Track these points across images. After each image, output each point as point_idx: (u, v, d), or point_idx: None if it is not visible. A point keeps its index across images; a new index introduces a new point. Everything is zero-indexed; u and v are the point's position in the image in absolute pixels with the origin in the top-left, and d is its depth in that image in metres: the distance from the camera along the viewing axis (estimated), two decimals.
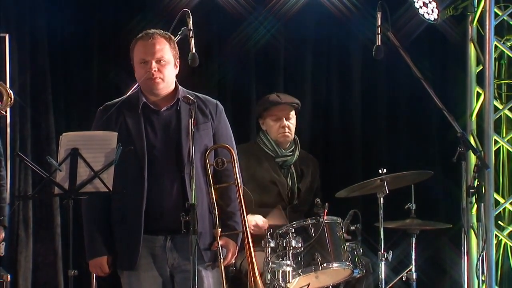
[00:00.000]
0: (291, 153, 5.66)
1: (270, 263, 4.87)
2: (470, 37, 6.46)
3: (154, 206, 4.30)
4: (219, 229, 4.29)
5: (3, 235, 5.01)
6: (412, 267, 5.50)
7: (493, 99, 6.25)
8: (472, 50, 6.48)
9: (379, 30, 5.04)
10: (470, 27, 6.45)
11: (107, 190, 4.09)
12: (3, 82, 5.81)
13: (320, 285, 5.20)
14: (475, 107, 6.48)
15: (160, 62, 4.31)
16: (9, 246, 5.61)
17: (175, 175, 4.31)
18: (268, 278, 4.86)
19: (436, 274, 6.59)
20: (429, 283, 6.40)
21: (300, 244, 4.96)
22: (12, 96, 4.95)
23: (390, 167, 5.41)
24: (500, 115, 6.45)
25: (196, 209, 4.12)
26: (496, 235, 6.26)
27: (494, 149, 6.29)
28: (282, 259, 4.92)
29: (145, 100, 4.37)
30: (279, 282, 4.86)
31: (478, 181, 4.87)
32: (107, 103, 4.47)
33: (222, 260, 4.29)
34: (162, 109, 4.38)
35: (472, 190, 4.84)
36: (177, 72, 4.44)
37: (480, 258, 5.14)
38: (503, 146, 6.50)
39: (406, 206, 5.53)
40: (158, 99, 4.39)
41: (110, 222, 4.38)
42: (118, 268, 4.42)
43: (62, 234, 6.13)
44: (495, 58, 6.33)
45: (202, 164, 4.35)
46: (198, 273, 4.24)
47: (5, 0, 6.11)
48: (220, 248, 4.28)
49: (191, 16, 5.02)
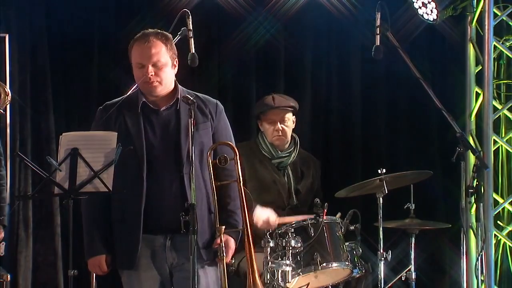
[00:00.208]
0: (287, 154, 5.65)
1: (270, 263, 4.87)
2: (469, 37, 6.46)
3: (153, 205, 4.30)
4: (223, 226, 4.28)
5: (2, 234, 5.02)
6: (411, 267, 5.49)
7: (492, 99, 6.24)
8: (471, 50, 6.48)
9: (378, 31, 5.01)
10: (469, 27, 6.45)
11: (107, 190, 4.09)
12: (3, 82, 5.84)
13: (319, 285, 5.20)
14: (474, 107, 6.49)
15: (157, 65, 4.30)
16: (9, 246, 5.61)
17: (174, 175, 4.31)
18: (268, 278, 4.85)
19: (435, 274, 6.60)
20: (428, 283, 6.41)
21: (299, 244, 4.95)
22: (10, 95, 4.96)
23: (389, 167, 5.41)
24: (499, 115, 6.45)
25: (196, 209, 4.10)
26: (495, 235, 6.25)
27: (493, 149, 6.29)
28: (282, 259, 4.92)
29: (144, 99, 4.38)
30: (279, 282, 4.85)
31: (477, 181, 4.86)
32: (107, 102, 4.47)
33: (224, 257, 4.29)
34: (162, 108, 4.38)
35: (471, 190, 4.82)
36: (175, 71, 4.43)
37: (479, 258, 5.14)
38: (502, 146, 6.50)
39: (406, 206, 5.53)
40: (158, 99, 4.39)
41: (110, 222, 4.39)
42: (118, 268, 4.43)
43: (62, 234, 6.13)
44: (494, 58, 6.32)
45: (202, 164, 4.35)
46: (196, 272, 4.22)
47: (5, 1, 6.11)
48: (220, 246, 4.27)
49: (190, 17, 5.01)
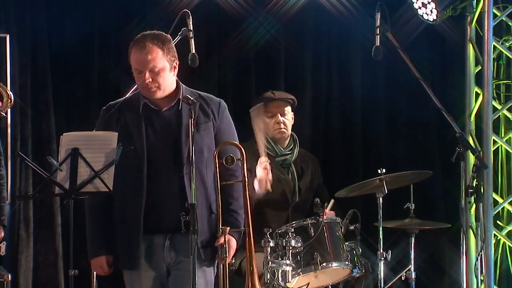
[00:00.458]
0: (290, 151, 5.66)
1: (270, 263, 4.87)
2: (469, 37, 6.46)
3: (153, 205, 4.30)
4: (228, 227, 4.28)
5: (2, 234, 5.03)
6: (411, 267, 5.50)
7: (491, 99, 6.25)
8: (471, 50, 6.48)
9: (378, 31, 5.02)
10: (469, 27, 6.46)
11: (107, 190, 4.09)
12: (4, 82, 5.84)
13: (319, 284, 5.21)
14: (474, 107, 6.49)
15: (154, 71, 4.26)
16: (10, 245, 5.62)
17: (174, 175, 4.30)
18: (268, 277, 4.85)
19: (435, 274, 6.60)
20: (428, 283, 6.41)
21: (299, 244, 4.96)
22: (12, 98, 4.96)
23: (389, 167, 5.42)
24: (499, 115, 6.46)
25: (196, 208, 4.10)
26: (494, 234, 6.26)
27: (492, 149, 6.30)
28: (282, 259, 4.92)
29: (145, 100, 4.36)
30: (279, 281, 4.86)
31: (476, 181, 4.86)
32: (110, 102, 4.46)
33: (226, 257, 4.29)
34: (163, 109, 4.36)
35: (471, 190, 4.83)
36: (176, 72, 4.39)
37: (478, 257, 5.13)
38: (501, 146, 6.51)
39: (405, 206, 5.54)
40: (159, 100, 4.36)
41: (112, 222, 4.39)
42: (120, 268, 4.43)
43: (63, 234, 6.14)
44: (493, 58, 6.33)
45: (202, 164, 4.34)
46: (189, 273, 4.20)
47: (5, 1, 6.12)
48: (223, 246, 4.27)
49: (191, 17, 5.02)
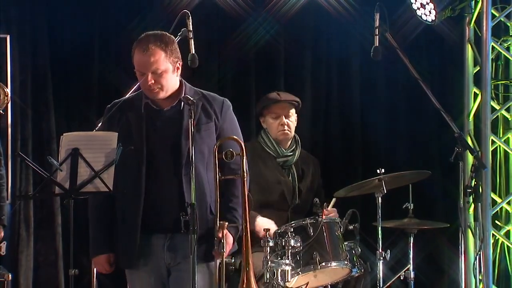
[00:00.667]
0: (292, 153, 5.67)
1: (269, 262, 4.86)
2: (467, 38, 6.47)
3: (152, 206, 4.30)
4: (226, 222, 4.26)
5: (2, 234, 5.04)
6: (410, 266, 5.50)
7: (490, 99, 6.25)
8: (469, 51, 6.49)
9: (377, 31, 5.05)
10: (467, 28, 6.46)
11: (107, 190, 4.09)
12: (4, 82, 5.85)
13: (318, 284, 5.21)
14: (472, 107, 6.50)
15: (156, 73, 4.25)
16: (10, 245, 5.64)
17: (173, 176, 4.29)
18: (267, 277, 4.85)
19: (434, 273, 6.60)
20: (426, 282, 6.42)
21: (299, 244, 4.96)
22: (9, 95, 4.96)
23: (388, 167, 5.42)
24: (497, 115, 6.47)
25: (196, 209, 4.10)
26: (493, 234, 6.27)
27: (491, 149, 6.30)
28: (281, 258, 4.92)
29: (147, 100, 4.36)
30: (278, 281, 4.86)
31: (475, 181, 4.89)
32: (115, 100, 4.46)
33: (223, 252, 4.27)
34: (165, 108, 4.36)
35: (470, 190, 4.86)
36: (179, 73, 4.37)
37: (477, 257, 5.14)
38: (500, 146, 6.52)
39: (404, 206, 5.54)
40: (161, 100, 4.35)
41: (114, 221, 4.40)
42: (121, 267, 4.44)
43: (63, 234, 6.15)
44: (492, 59, 6.34)
45: (203, 165, 4.32)
46: (189, 273, 4.20)
47: (6, 2, 6.13)
48: (220, 241, 4.24)
49: (190, 17, 5.03)
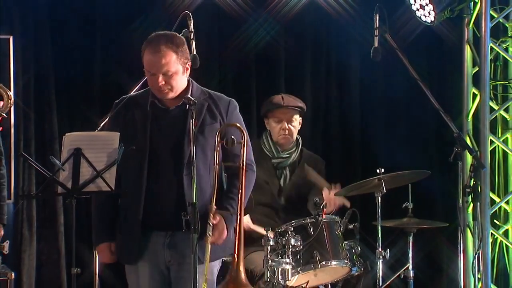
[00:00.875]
0: (288, 155, 5.67)
1: (270, 261, 4.88)
2: (466, 39, 6.49)
3: (153, 204, 4.28)
4: (215, 207, 4.20)
5: (2, 232, 5.03)
6: (409, 265, 5.51)
7: (488, 100, 6.26)
8: (468, 51, 6.50)
9: (376, 32, 5.04)
10: (466, 29, 6.47)
11: (109, 190, 4.08)
12: (7, 83, 5.86)
13: (319, 282, 5.23)
14: (471, 107, 6.51)
15: (167, 74, 4.22)
16: (13, 244, 5.65)
17: (174, 175, 4.27)
18: (268, 276, 4.86)
19: (433, 272, 6.64)
20: (426, 281, 6.46)
21: (299, 243, 4.98)
22: (12, 98, 4.94)
23: (387, 166, 5.42)
24: (496, 115, 6.48)
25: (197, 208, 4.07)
26: (491, 233, 6.28)
27: (489, 149, 6.31)
28: (282, 257, 4.94)
29: (153, 99, 4.33)
30: (279, 280, 4.87)
31: (474, 180, 4.88)
32: (124, 96, 4.45)
33: (210, 236, 4.18)
34: (171, 108, 4.33)
35: (468, 190, 4.85)
36: (188, 74, 4.34)
37: (476, 256, 5.14)
38: (498, 146, 6.53)
39: (404, 205, 5.55)
40: (168, 99, 4.33)
41: (117, 218, 4.38)
42: (120, 261, 4.42)
43: (65, 233, 6.15)
44: (491, 59, 6.35)
45: (205, 166, 4.29)
46: (190, 273, 4.18)
47: (8, 2, 6.14)
48: (210, 225, 4.18)
49: (192, 18, 5.05)
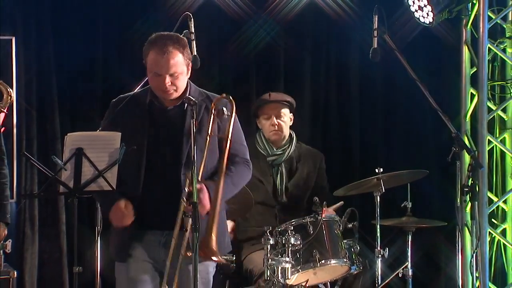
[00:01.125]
0: (282, 151, 5.67)
1: (270, 260, 4.91)
2: (464, 39, 6.48)
3: (150, 202, 4.25)
4: (189, 174, 4.13)
5: (6, 232, 5.03)
6: (408, 264, 5.53)
7: (486, 100, 6.25)
8: (466, 52, 6.50)
9: (375, 33, 5.06)
10: (464, 30, 6.47)
11: (110, 189, 4.08)
12: (10, 83, 5.88)
13: (318, 281, 5.25)
14: (469, 108, 6.51)
15: (174, 75, 4.23)
16: (15, 243, 5.69)
17: (172, 175, 4.26)
18: (268, 274, 4.90)
19: (431, 271, 6.65)
20: (424, 280, 6.45)
21: (299, 242, 5.00)
22: (12, 95, 4.92)
23: (386, 166, 5.46)
24: (494, 115, 6.47)
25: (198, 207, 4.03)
26: (489, 232, 6.26)
27: (487, 149, 6.29)
28: (281, 256, 4.96)
29: (152, 98, 4.33)
30: (279, 278, 4.90)
31: (472, 180, 4.89)
32: (121, 95, 4.45)
33: (185, 202, 4.10)
34: (169, 107, 4.34)
35: (466, 189, 4.86)
36: (189, 74, 4.35)
37: (474, 255, 5.15)
38: (496, 146, 6.52)
39: (402, 204, 5.57)
40: (166, 99, 4.33)
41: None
42: (113, 259, 4.39)
43: (67, 232, 6.18)
44: (488, 60, 6.34)
45: (205, 167, 4.24)
46: (187, 272, 4.21)
47: (11, 4, 6.17)
48: (186, 190, 4.11)
49: (192, 19, 5.09)
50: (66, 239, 6.20)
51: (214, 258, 4.12)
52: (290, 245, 5.00)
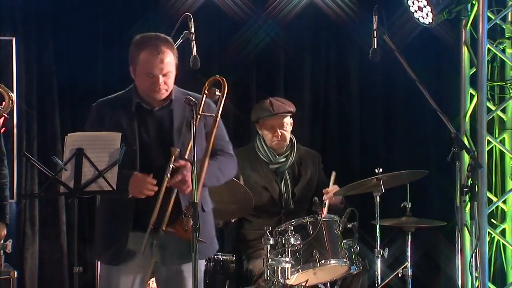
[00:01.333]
0: (285, 158, 5.64)
1: (270, 260, 4.91)
2: (463, 40, 6.48)
3: (144, 203, 4.21)
4: (177, 149, 4.19)
5: (5, 232, 5.02)
6: (408, 264, 5.52)
7: (486, 100, 6.24)
8: (465, 53, 6.50)
9: (375, 34, 5.06)
10: (463, 30, 6.47)
11: (111, 189, 4.08)
12: (10, 83, 5.91)
13: (318, 281, 5.26)
14: (469, 108, 6.51)
15: (166, 75, 4.26)
16: (16, 243, 5.70)
17: (165, 174, 4.22)
18: (268, 274, 4.90)
19: (431, 271, 6.66)
20: (424, 280, 6.47)
21: (298, 242, 5.01)
22: (14, 99, 4.92)
23: (386, 166, 5.46)
24: (493, 116, 6.48)
25: (197, 207, 4.04)
26: (489, 232, 6.26)
27: (487, 149, 6.29)
28: (281, 256, 4.97)
29: (138, 100, 4.32)
30: (278, 278, 4.90)
31: (471, 180, 4.89)
32: (100, 99, 4.42)
33: (168, 177, 4.16)
34: (155, 108, 4.33)
35: (466, 189, 4.85)
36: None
37: (473, 255, 5.14)
38: (495, 146, 6.52)
39: (402, 205, 5.56)
40: (153, 99, 4.34)
41: (103, 218, 4.34)
42: (102, 262, 4.35)
43: (68, 232, 6.19)
44: (488, 60, 6.33)
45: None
46: (180, 273, 4.24)
47: (11, 4, 6.18)
48: (171, 166, 4.16)
49: (192, 20, 5.11)
50: (66, 239, 6.21)
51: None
52: (290, 245, 5.00)
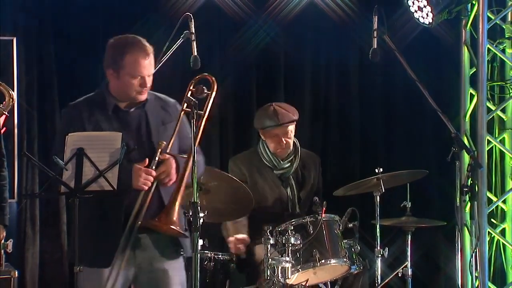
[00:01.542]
0: (289, 164, 5.63)
1: (270, 260, 4.92)
2: (463, 40, 6.49)
3: (132, 202, 4.20)
4: (164, 142, 4.22)
5: (4, 233, 5.02)
6: (408, 263, 5.54)
7: (486, 100, 6.24)
8: (465, 53, 6.51)
9: (375, 34, 5.07)
10: (463, 30, 6.48)
11: (111, 189, 4.08)
12: (11, 83, 5.91)
13: (318, 281, 5.25)
14: (469, 108, 6.52)
15: (150, 75, 4.29)
16: (16, 243, 5.68)
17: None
18: (268, 274, 4.90)
19: (431, 270, 6.67)
20: (424, 279, 6.48)
21: (299, 241, 5.01)
22: (14, 97, 4.92)
23: (386, 166, 5.47)
24: (493, 116, 6.49)
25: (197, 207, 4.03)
26: (489, 232, 6.27)
27: (487, 149, 6.30)
28: (282, 256, 4.97)
29: (115, 102, 4.31)
30: (279, 278, 4.90)
31: (471, 180, 4.90)
32: (72, 102, 4.39)
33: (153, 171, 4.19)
34: (131, 109, 4.33)
35: (466, 189, 4.86)
36: None
37: (473, 254, 5.15)
38: (495, 146, 6.53)
39: (402, 204, 5.58)
40: (127, 101, 4.35)
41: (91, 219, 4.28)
42: (87, 266, 4.17)
43: (68, 232, 6.18)
44: (488, 60, 6.34)
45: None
46: (165, 273, 4.23)
47: (12, 5, 6.18)
48: (156, 159, 4.19)
49: (193, 20, 5.11)
50: (67, 239, 6.21)
51: (173, 227, 4.15)
52: (290, 244, 5.00)
